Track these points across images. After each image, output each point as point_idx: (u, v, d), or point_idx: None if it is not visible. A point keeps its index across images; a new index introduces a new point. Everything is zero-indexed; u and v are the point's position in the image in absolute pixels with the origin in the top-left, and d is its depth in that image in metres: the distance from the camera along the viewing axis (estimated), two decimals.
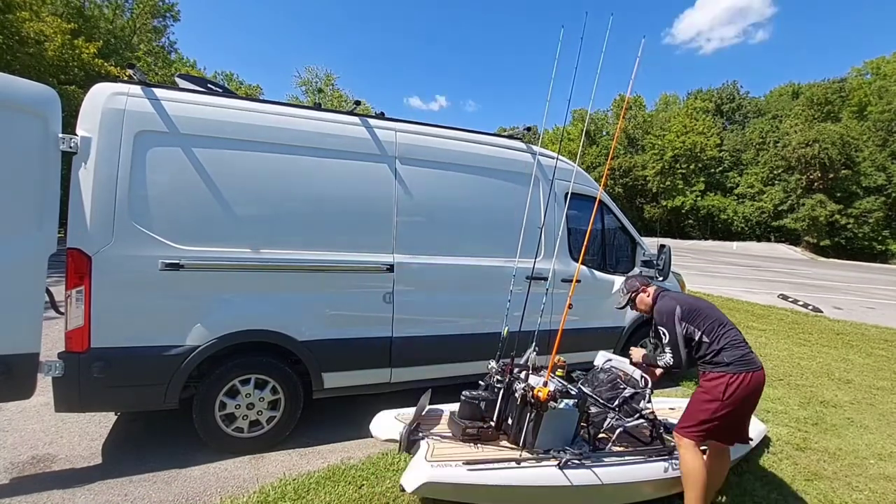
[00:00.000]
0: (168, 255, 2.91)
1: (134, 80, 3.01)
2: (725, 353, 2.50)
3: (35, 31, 15.48)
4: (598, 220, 4.79)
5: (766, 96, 56.45)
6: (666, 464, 2.76)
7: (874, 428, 4.40)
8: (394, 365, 3.67)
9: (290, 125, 3.33)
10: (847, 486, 3.28)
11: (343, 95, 41.33)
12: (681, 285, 5.51)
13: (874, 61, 46.20)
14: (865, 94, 44.01)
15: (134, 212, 2.86)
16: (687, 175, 50.63)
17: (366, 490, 2.83)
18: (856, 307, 12.18)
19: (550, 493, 2.47)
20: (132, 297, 2.88)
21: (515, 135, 4.43)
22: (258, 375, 3.22)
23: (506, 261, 3.93)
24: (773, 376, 5.77)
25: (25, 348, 2.60)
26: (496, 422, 2.75)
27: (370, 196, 3.57)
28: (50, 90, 2.71)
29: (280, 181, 3.27)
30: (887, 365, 6.73)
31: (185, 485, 2.84)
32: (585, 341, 4.39)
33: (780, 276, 20.09)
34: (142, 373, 2.93)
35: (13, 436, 3.29)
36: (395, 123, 3.76)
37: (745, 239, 47.01)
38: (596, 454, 2.66)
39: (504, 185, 4.12)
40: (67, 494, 2.67)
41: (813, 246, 41.79)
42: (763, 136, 48.71)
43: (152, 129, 2.92)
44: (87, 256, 2.73)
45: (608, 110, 60.43)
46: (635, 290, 2.93)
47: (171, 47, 31.04)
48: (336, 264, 3.40)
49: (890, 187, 40.10)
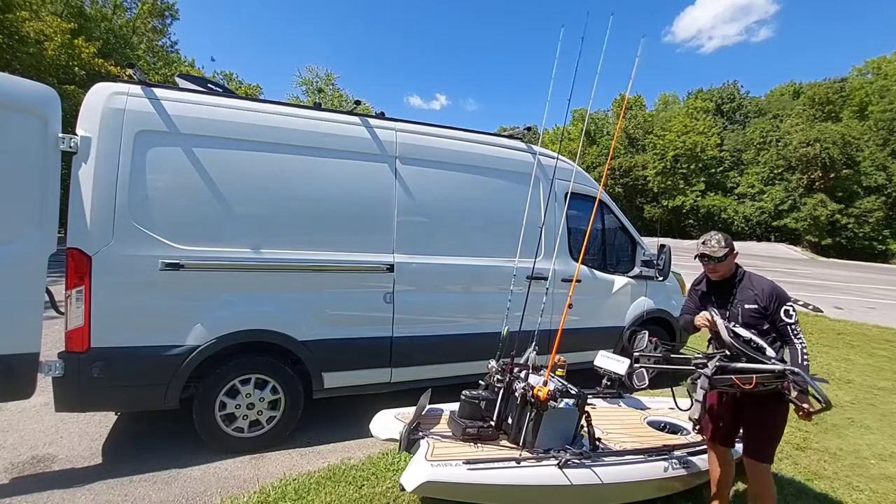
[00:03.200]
0: (168, 254, 2.91)
1: (134, 79, 3.01)
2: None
3: (35, 31, 15.50)
4: (599, 220, 4.79)
5: (766, 96, 56.44)
6: (666, 464, 2.76)
7: (875, 428, 4.39)
8: (394, 365, 3.67)
9: (291, 125, 3.33)
10: (848, 486, 3.27)
11: (343, 95, 41.30)
12: (681, 285, 5.50)
13: (875, 61, 46.24)
14: (866, 94, 44.01)
15: (134, 211, 2.86)
16: (687, 175, 50.57)
17: (366, 490, 2.83)
18: (856, 307, 12.17)
19: (550, 493, 2.46)
20: (132, 297, 2.88)
21: (516, 135, 4.43)
22: (258, 375, 3.22)
23: (506, 260, 3.93)
24: None
25: (25, 348, 2.60)
26: (496, 421, 2.75)
27: (370, 196, 3.56)
28: (50, 90, 2.71)
29: (280, 181, 3.27)
30: (888, 365, 6.72)
31: (185, 485, 2.84)
32: (585, 341, 4.39)
33: (781, 275, 20.06)
34: (142, 373, 2.93)
35: (13, 436, 3.29)
36: (396, 123, 3.76)
37: (745, 239, 46.94)
38: (596, 454, 2.66)
39: (504, 185, 4.12)
40: (67, 494, 2.67)
41: (814, 245, 41.78)
42: (764, 136, 48.65)
43: (152, 128, 2.92)
44: (87, 256, 2.73)
45: (608, 110, 60.39)
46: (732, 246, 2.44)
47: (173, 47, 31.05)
48: (336, 264, 3.40)
49: (890, 187, 40.10)
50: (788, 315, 2.27)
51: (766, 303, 2.32)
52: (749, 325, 2.35)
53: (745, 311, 2.38)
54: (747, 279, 2.44)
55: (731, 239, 2.48)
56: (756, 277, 2.43)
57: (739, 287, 2.43)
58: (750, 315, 2.35)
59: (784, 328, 2.27)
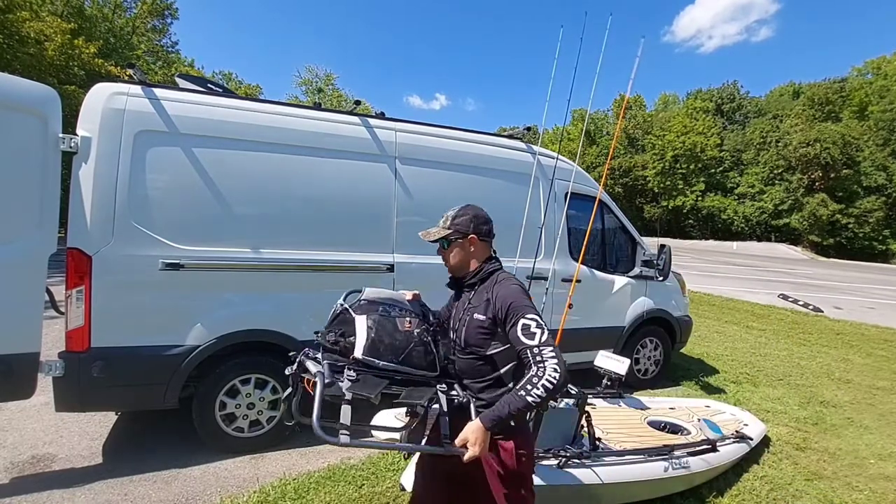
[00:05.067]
0: (168, 254, 2.91)
1: (134, 79, 3.01)
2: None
3: (35, 31, 15.46)
4: (598, 220, 4.78)
5: (766, 96, 56.43)
6: (666, 464, 2.76)
7: (874, 428, 4.40)
8: None
9: (291, 125, 3.33)
10: (847, 486, 3.27)
11: (343, 95, 41.31)
12: (681, 285, 5.50)
13: (875, 61, 46.21)
14: (866, 94, 44.01)
15: (134, 211, 2.86)
16: (687, 175, 50.57)
17: (366, 490, 2.83)
18: (856, 307, 12.17)
19: (550, 493, 2.47)
20: (132, 297, 2.88)
21: (515, 135, 4.43)
22: (258, 375, 3.22)
23: (506, 260, 3.89)
24: (773, 376, 5.77)
25: (26, 348, 2.60)
26: None
27: (370, 196, 3.56)
28: (50, 90, 2.71)
29: (280, 181, 3.27)
30: (887, 365, 6.73)
31: (185, 485, 2.84)
32: (585, 341, 4.39)
33: (781, 275, 20.08)
34: (142, 372, 2.93)
35: (13, 435, 3.29)
36: (395, 123, 3.76)
37: (745, 239, 46.98)
38: (596, 453, 2.66)
39: (504, 185, 4.11)
40: (67, 494, 2.67)
41: (814, 245, 41.79)
42: (763, 136, 48.64)
43: (152, 128, 2.92)
44: (87, 256, 2.73)
45: (608, 110, 60.37)
46: (473, 227, 1.76)
47: (173, 47, 31.03)
48: (336, 264, 3.40)
49: (890, 187, 40.11)
50: (529, 333, 1.51)
51: (494, 313, 1.61)
52: (472, 345, 1.67)
53: (471, 326, 1.68)
54: (492, 281, 1.70)
55: (480, 216, 1.79)
56: (504, 279, 1.69)
57: (477, 291, 1.72)
58: (477, 331, 1.65)
59: (524, 353, 1.51)
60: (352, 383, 1.58)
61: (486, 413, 1.49)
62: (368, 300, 1.86)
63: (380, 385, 1.60)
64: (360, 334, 1.68)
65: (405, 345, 1.72)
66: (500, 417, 1.46)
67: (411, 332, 1.76)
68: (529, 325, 1.52)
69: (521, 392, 1.44)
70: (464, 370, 1.73)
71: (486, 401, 1.63)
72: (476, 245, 1.76)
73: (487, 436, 1.48)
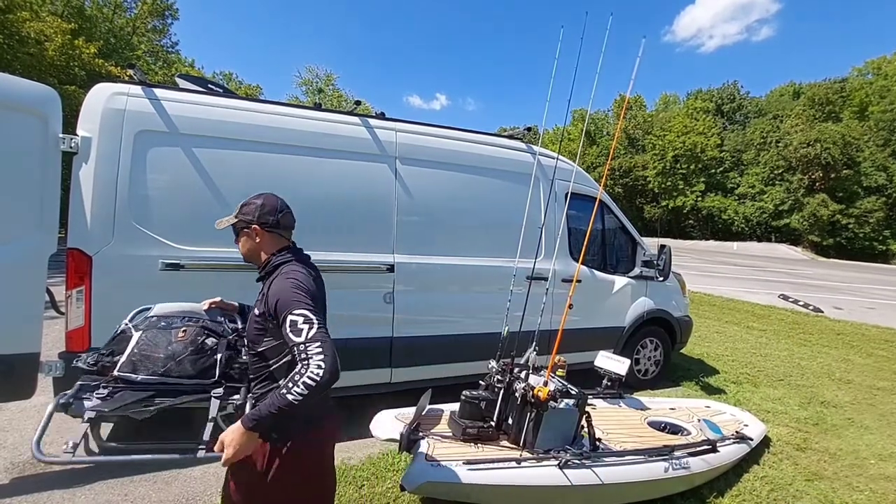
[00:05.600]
0: (168, 255, 2.91)
1: (134, 79, 3.01)
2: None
3: (35, 31, 15.47)
4: (599, 220, 4.79)
5: (766, 96, 56.43)
6: (666, 464, 2.76)
7: (875, 428, 4.39)
8: (394, 365, 3.67)
9: (291, 125, 3.33)
10: (847, 487, 3.27)
11: (343, 95, 41.31)
12: (681, 286, 5.50)
13: (875, 61, 46.21)
14: (867, 95, 44.00)
15: (134, 212, 2.86)
16: (687, 175, 50.57)
17: (366, 490, 2.83)
18: (856, 307, 12.17)
19: (551, 493, 2.47)
20: (132, 297, 2.86)
21: (515, 135, 4.44)
22: None
23: (506, 261, 3.93)
24: (774, 376, 5.77)
25: (26, 348, 2.61)
26: (496, 421, 2.75)
27: (370, 196, 3.56)
28: (50, 90, 2.71)
29: (280, 181, 3.26)
30: (887, 365, 6.72)
31: (185, 485, 2.84)
32: (586, 341, 4.39)
33: (781, 276, 20.08)
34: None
35: (13, 435, 3.29)
36: (396, 123, 3.76)
37: (745, 239, 46.98)
38: (596, 454, 2.66)
39: (504, 185, 4.12)
40: (67, 494, 2.67)
41: (814, 245, 41.78)
42: (764, 136, 48.64)
43: (152, 128, 2.92)
44: (87, 256, 2.74)
45: (608, 110, 60.43)
46: (260, 216, 1.67)
47: (173, 48, 31.04)
48: (336, 264, 3.40)
49: (891, 187, 40.10)
50: (296, 329, 1.40)
51: (267, 308, 1.53)
52: (250, 341, 1.64)
53: (251, 322, 1.64)
54: (276, 274, 1.59)
55: (268, 206, 1.70)
56: (285, 273, 1.57)
57: (265, 284, 1.61)
58: (253, 327, 1.61)
59: (293, 350, 1.40)
60: (101, 401, 1.67)
61: (248, 413, 1.40)
62: (158, 315, 1.97)
63: (136, 399, 1.70)
64: (127, 351, 1.79)
65: (179, 355, 1.80)
66: (261, 417, 1.35)
67: (185, 342, 1.83)
68: (297, 322, 1.41)
69: (283, 391, 1.34)
70: (250, 369, 1.68)
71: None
72: (262, 236, 1.66)
73: (247, 437, 1.37)
